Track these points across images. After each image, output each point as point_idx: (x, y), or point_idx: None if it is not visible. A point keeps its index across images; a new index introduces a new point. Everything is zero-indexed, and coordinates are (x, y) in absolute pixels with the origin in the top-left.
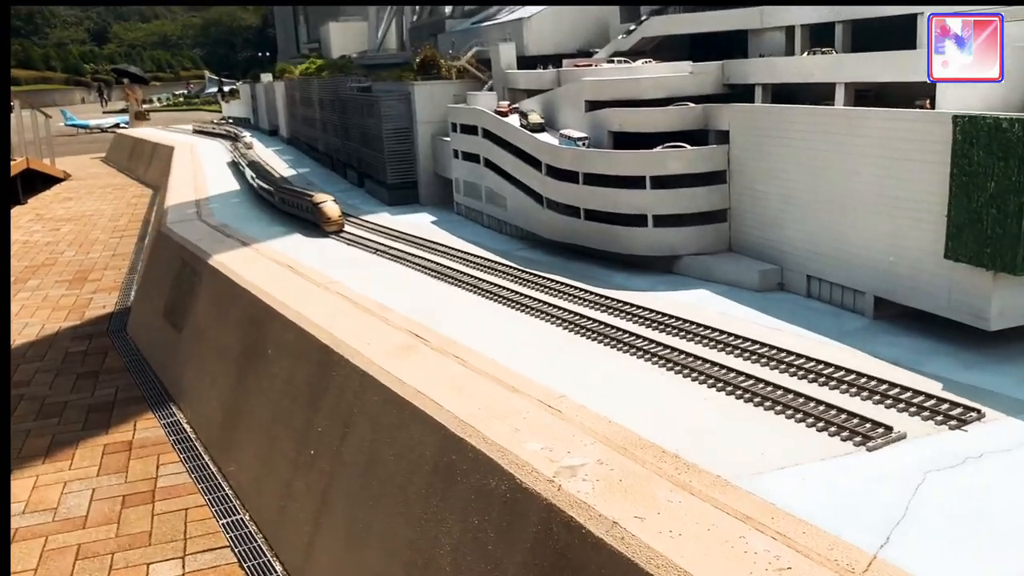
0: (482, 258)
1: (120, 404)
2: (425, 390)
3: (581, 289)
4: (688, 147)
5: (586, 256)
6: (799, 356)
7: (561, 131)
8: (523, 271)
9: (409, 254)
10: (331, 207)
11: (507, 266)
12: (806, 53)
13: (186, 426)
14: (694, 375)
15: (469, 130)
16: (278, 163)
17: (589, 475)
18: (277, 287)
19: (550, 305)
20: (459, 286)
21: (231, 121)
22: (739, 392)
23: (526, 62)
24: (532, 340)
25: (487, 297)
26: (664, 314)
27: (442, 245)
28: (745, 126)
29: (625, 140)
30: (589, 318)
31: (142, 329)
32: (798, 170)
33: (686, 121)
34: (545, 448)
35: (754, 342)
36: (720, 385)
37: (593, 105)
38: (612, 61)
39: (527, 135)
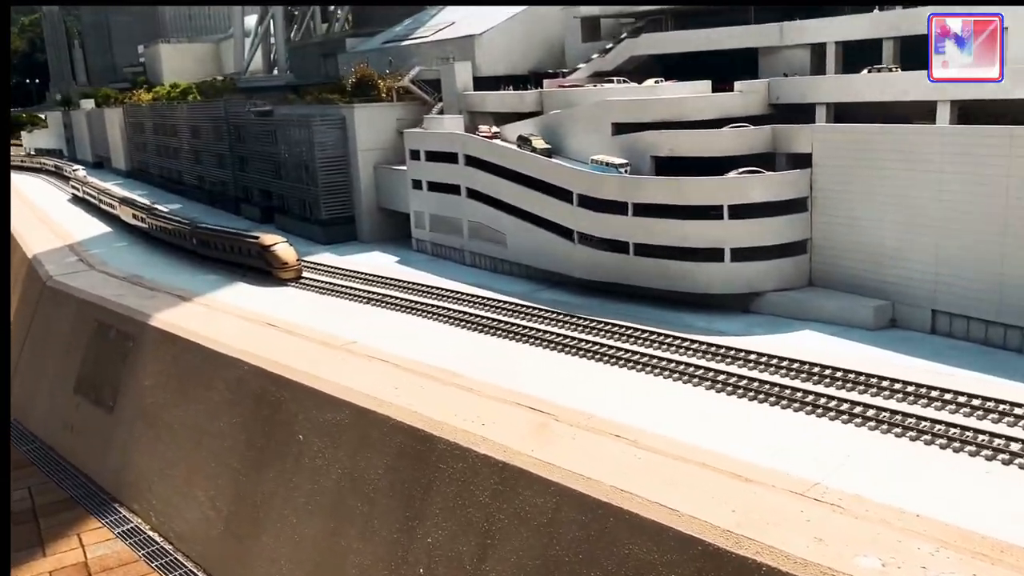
0: (506, 303)
1: (44, 511)
2: (628, 487)
3: (674, 337)
4: (767, 173)
5: (627, 296)
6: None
7: (593, 157)
8: (583, 318)
9: (412, 301)
10: (286, 250)
11: (552, 312)
12: (866, 71)
13: (155, 536)
14: (940, 441)
15: (440, 157)
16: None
17: None
18: (285, 353)
19: (655, 358)
20: (512, 338)
21: (34, 153)
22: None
23: (478, 83)
24: (676, 405)
25: (563, 351)
26: (811, 363)
27: (440, 288)
28: (838, 148)
29: (672, 166)
30: (727, 372)
31: (41, 412)
32: (926, 195)
33: (754, 144)
34: (886, 564)
35: (960, 393)
36: (985, 452)
37: (622, 128)
38: (611, 80)
39: (547, 162)
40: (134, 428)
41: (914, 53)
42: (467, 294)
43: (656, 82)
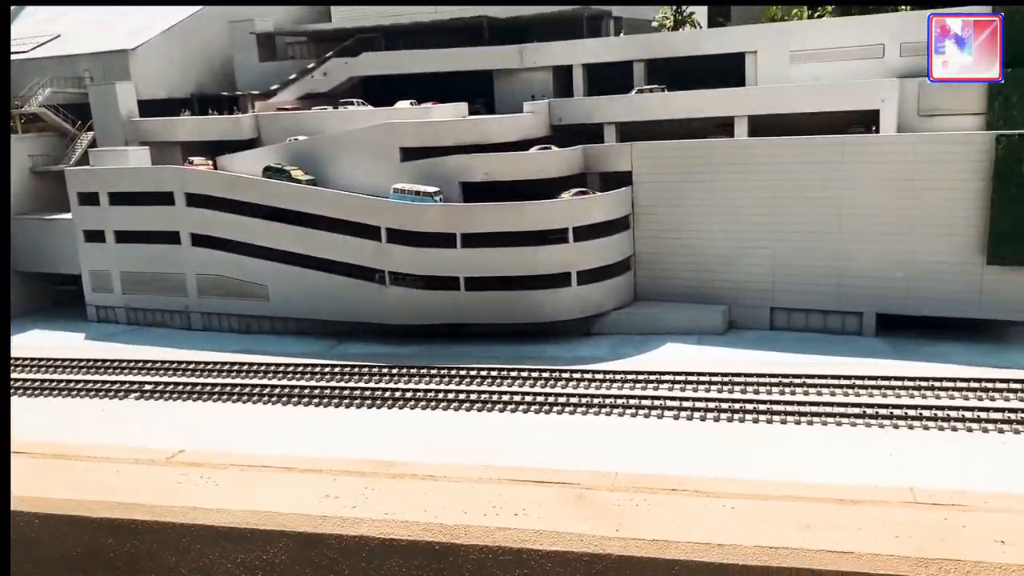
0: (313, 366)
1: None
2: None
3: (556, 370)
4: (606, 192)
5: (452, 337)
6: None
7: (396, 187)
8: (441, 367)
9: (191, 385)
10: None
11: (389, 366)
12: (635, 91)
13: None
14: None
15: (138, 199)
16: None
17: None
18: (109, 491)
19: (562, 395)
20: (359, 405)
21: None
22: None
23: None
24: (632, 439)
25: (451, 406)
26: (708, 373)
27: (205, 363)
28: (661, 164)
29: (481, 191)
30: (644, 396)
31: None
32: (759, 202)
33: (572, 165)
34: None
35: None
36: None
37: (413, 153)
38: (350, 103)
39: (340, 196)
40: None
41: (660, 75)
42: (247, 363)
43: (420, 104)
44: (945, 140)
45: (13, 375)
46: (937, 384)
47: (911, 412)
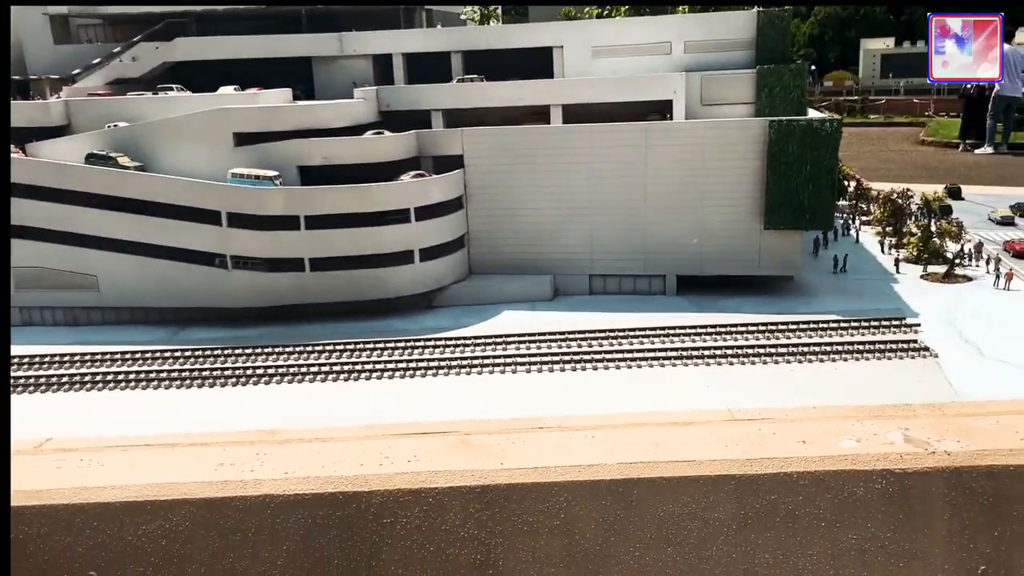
0: (164, 351)
1: None
2: (628, 459)
3: (410, 340)
4: (444, 175)
5: (295, 318)
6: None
7: (233, 171)
8: (295, 345)
9: (35, 378)
10: None
11: (243, 347)
12: (456, 80)
13: None
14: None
15: None
16: None
17: None
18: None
19: (414, 361)
20: (219, 384)
21: None
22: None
23: None
24: (483, 393)
25: (308, 378)
26: (537, 333)
27: (45, 356)
28: (490, 149)
29: (318, 175)
30: (489, 356)
31: None
32: (578, 182)
33: (409, 149)
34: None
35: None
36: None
37: (247, 138)
38: (169, 88)
39: (173, 181)
40: None
41: (476, 66)
42: (84, 355)
43: (246, 91)
44: (729, 126)
45: None
46: (733, 329)
47: (717, 352)
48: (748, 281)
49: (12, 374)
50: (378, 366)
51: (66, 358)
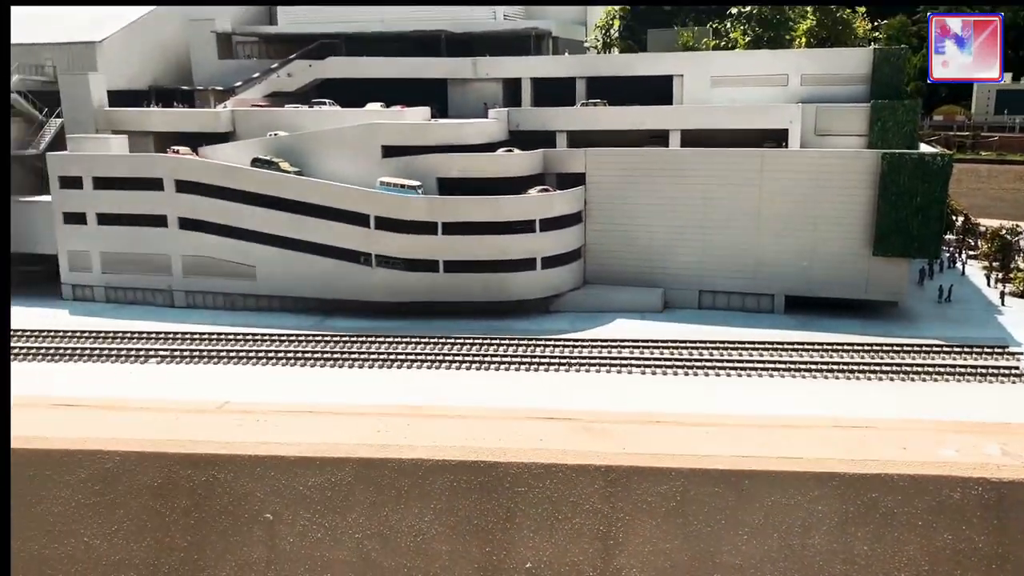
0: (319, 335)
1: None
2: (740, 452)
3: (535, 339)
4: (568, 190)
5: (428, 314)
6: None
7: (382, 180)
8: (431, 337)
9: (199, 351)
10: None
11: (388, 335)
12: (580, 104)
13: None
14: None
15: (124, 184)
16: None
17: None
18: (159, 430)
19: (543, 357)
20: (381, 365)
21: None
22: None
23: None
24: (616, 387)
25: (461, 365)
26: (651, 340)
27: (205, 334)
28: (611, 168)
29: (454, 186)
30: (610, 355)
31: None
32: (693, 202)
33: (534, 166)
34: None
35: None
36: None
37: (393, 150)
38: (322, 103)
39: (333, 186)
40: None
41: (598, 90)
42: (248, 335)
43: (390, 107)
44: (843, 156)
45: (33, 343)
46: (839, 347)
47: (822, 367)
48: (854, 304)
49: (192, 347)
50: (504, 359)
51: (230, 336)
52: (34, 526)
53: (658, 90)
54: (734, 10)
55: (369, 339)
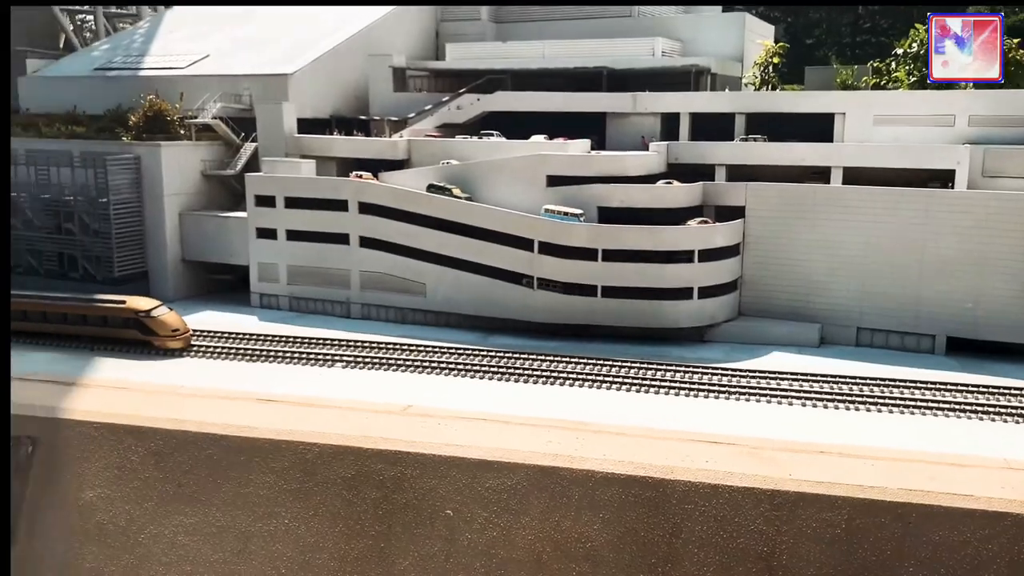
0: (481, 350)
1: None
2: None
3: (691, 366)
4: (727, 223)
5: (585, 336)
6: None
7: (547, 207)
8: (592, 358)
9: (370, 358)
10: (171, 316)
11: (551, 354)
12: (739, 139)
13: None
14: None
15: (312, 204)
16: None
17: None
18: (351, 427)
19: (705, 384)
20: (546, 382)
21: None
22: None
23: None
24: (788, 418)
25: (603, 386)
26: (817, 374)
27: (376, 343)
28: (771, 202)
29: (613, 215)
30: (762, 386)
31: None
32: (853, 238)
33: (693, 198)
34: None
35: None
36: None
37: (558, 180)
38: (490, 134)
39: (501, 212)
40: (81, 550)
41: (756, 126)
42: (421, 346)
43: (552, 139)
44: (1012, 198)
45: (245, 345)
46: (1006, 390)
47: (989, 409)
48: (1021, 349)
49: (372, 355)
50: (662, 383)
51: (407, 347)
52: (241, 504)
53: (817, 127)
54: (899, 50)
55: (531, 356)
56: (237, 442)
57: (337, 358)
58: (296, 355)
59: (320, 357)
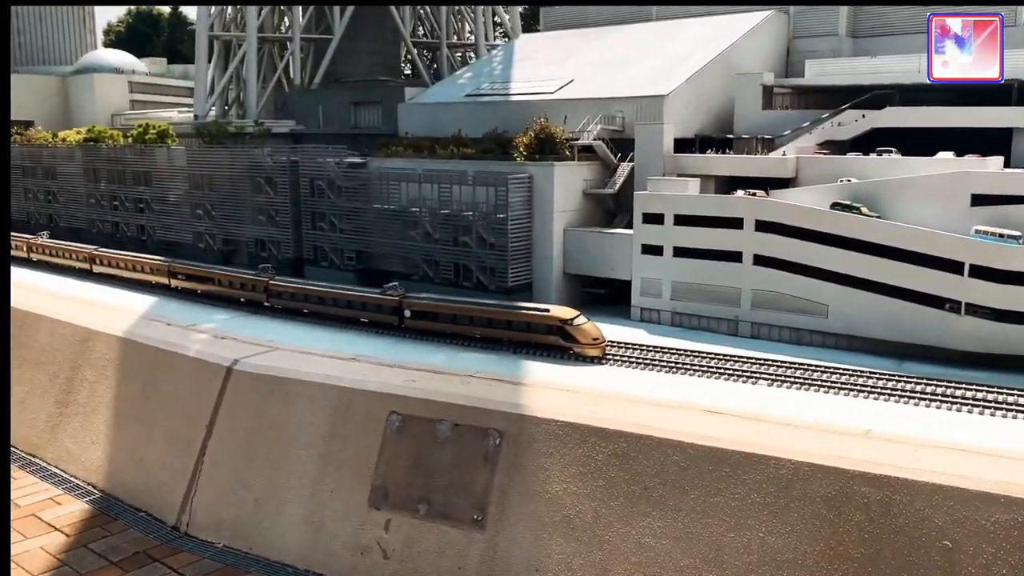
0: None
1: None
2: None
3: None
4: None
5: (1011, 368)
6: None
7: (977, 228)
8: None
9: (794, 377)
10: (591, 326)
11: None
12: None
13: None
14: None
15: (703, 222)
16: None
17: None
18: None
19: None
20: None
21: None
22: None
23: None
24: None
25: None
26: None
27: (788, 363)
28: None
29: None
30: None
31: (319, 534)
32: None
33: None
34: None
35: None
36: None
37: (984, 199)
38: (884, 151)
39: (925, 233)
40: (547, 545)
41: None
42: (842, 369)
43: (965, 157)
44: None
45: (658, 356)
46: None
47: None
48: None
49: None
50: None
51: (830, 370)
52: (712, 513)
53: None
54: None
55: (977, 386)
56: (701, 451)
57: (760, 375)
58: (711, 369)
59: (737, 372)
